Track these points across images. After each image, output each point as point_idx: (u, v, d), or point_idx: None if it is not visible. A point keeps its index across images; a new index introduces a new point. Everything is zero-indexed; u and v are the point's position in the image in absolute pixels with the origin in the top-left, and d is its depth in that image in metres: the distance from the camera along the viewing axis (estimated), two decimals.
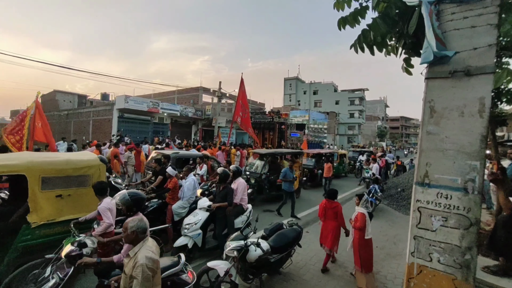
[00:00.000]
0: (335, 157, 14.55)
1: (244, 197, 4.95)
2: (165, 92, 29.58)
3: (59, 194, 3.42)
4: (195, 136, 22.19)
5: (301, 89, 56.37)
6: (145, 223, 2.24)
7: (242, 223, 4.72)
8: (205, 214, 4.45)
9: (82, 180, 3.64)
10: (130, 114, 17.76)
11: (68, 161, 3.63)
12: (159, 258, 2.19)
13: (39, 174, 3.26)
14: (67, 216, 3.41)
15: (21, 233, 3.12)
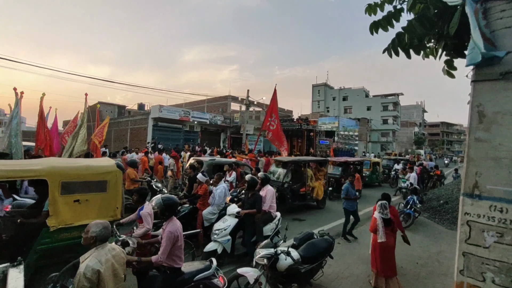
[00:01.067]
0: (367, 165, 13.80)
1: (273, 205, 4.91)
2: (196, 101, 30.89)
3: (77, 199, 3.44)
4: (223, 143, 22.74)
5: (330, 95, 55.13)
6: (108, 232, 2.18)
7: (271, 231, 4.62)
8: (234, 221, 4.49)
9: (100, 185, 3.63)
10: (164, 122, 18.81)
11: (88, 166, 3.67)
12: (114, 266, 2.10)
13: (59, 179, 3.30)
14: (84, 221, 3.39)
15: (41, 236, 3.19)
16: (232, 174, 7.53)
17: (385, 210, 3.87)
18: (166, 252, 2.74)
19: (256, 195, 4.63)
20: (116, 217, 3.69)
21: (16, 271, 1.59)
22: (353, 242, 5.81)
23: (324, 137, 22.71)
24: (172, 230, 2.81)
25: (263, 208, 4.67)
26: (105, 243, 2.18)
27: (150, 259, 2.74)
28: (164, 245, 2.76)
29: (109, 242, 3.30)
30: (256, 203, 4.52)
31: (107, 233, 2.17)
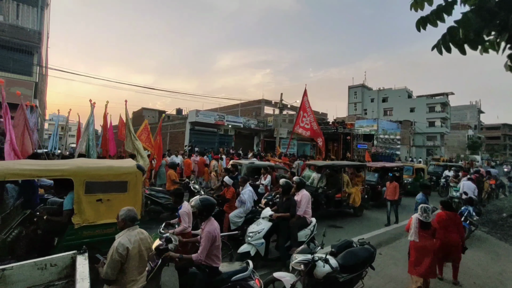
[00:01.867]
0: (410, 172, 12.64)
1: (308, 210, 4.79)
2: (230, 105, 31.79)
3: (99, 199, 3.54)
4: (257, 147, 22.96)
5: (367, 97, 52.28)
6: (134, 213, 2.50)
7: (306, 237, 4.54)
8: (268, 224, 4.47)
9: (121, 186, 3.73)
10: (200, 126, 19.67)
11: (110, 167, 3.79)
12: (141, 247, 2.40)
13: (84, 179, 3.43)
14: (106, 220, 3.54)
15: (67, 232, 3.36)
16: (267, 178, 7.56)
17: (424, 213, 3.78)
18: (205, 251, 2.84)
19: (290, 199, 4.58)
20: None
21: (82, 257, 1.80)
22: (398, 254, 5.40)
23: (362, 141, 21.54)
24: (211, 230, 2.90)
25: (297, 213, 4.60)
26: (135, 226, 2.51)
27: (190, 257, 2.86)
28: (203, 245, 2.86)
29: (153, 239, 3.57)
30: (290, 207, 4.46)
31: (132, 214, 2.48)
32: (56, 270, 1.77)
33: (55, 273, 1.76)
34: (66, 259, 1.81)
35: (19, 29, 12.29)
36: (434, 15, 2.77)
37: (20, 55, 12.58)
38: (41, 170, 3.36)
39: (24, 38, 12.36)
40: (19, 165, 3.33)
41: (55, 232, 3.57)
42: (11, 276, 1.61)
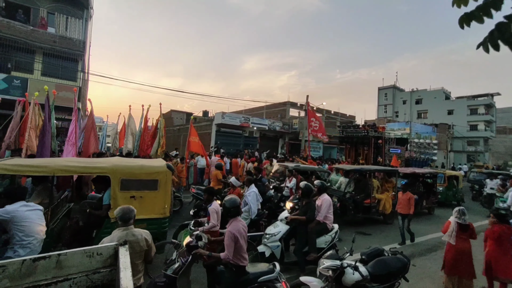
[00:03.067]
0: (441, 180, 11.46)
1: (329, 216, 4.57)
2: (255, 107, 32.03)
3: (133, 195, 3.73)
4: (282, 149, 22.85)
5: (399, 98, 49.55)
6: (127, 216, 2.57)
7: (325, 244, 4.37)
8: (285, 227, 4.43)
9: (152, 184, 3.89)
10: (226, 128, 20.09)
11: (142, 166, 3.98)
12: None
13: (119, 176, 3.65)
14: (138, 216, 3.72)
15: (105, 225, 3.56)
16: (292, 180, 7.51)
17: (462, 216, 3.78)
18: (231, 250, 2.90)
19: (309, 203, 4.49)
20: (165, 214, 3.97)
21: (123, 249, 1.94)
22: (434, 266, 5.05)
23: (395, 145, 20.32)
24: (232, 230, 2.95)
25: (317, 218, 4.44)
26: (129, 227, 2.57)
27: (219, 255, 2.94)
28: (226, 244, 2.93)
29: (183, 236, 3.72)
30: (308, 211, 4.37)
31: (125, 216, 2.56)
32: (101, 258, 1.94)
33: (100, 261, 1.93)
34: (109, 249, 1.98)
35: (67, 39, 13.61)
36: (481, 11, 2.58)
37: (67, 63, 13.92)
38: (84, 167, 3.65)
39: (71, 47, 13.65)
40: (66, 163, 3.67)
41: (95, 224, 3.84)
42: (65, 261, 1.80)
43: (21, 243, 2.68)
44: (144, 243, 2.61)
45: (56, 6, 13.83)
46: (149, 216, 3.82)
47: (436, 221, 8.54)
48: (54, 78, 13.34)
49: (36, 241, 2.79)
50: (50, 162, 3.62)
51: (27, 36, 12.58)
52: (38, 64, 13.24)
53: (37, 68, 13.20)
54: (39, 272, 1.72)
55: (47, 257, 1.78)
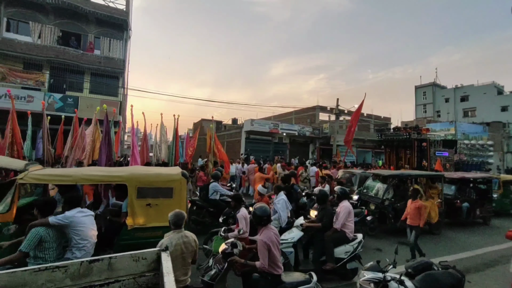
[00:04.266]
0: (496, 186, 10.00)
1: (349, 224, 4.28)
2: (284, 113, 31.92)
3: (148, 203, 3.76)
4: (312, 154, 22.36)
5: (440, 96, 45.57)
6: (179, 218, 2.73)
7: (345, 254, 4.11)
8: (299, 233, 4.31)
9: (167, 192, 3.90)
10: (255, 135, 20.28)
11: (158, 174, 4.03)
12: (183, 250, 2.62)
13: (136, 184, 3.70)
14: (154, 223, 3.73)
15: (122, 232, 3.64)
16: (325, 187, 7.30)
17: None
18: (265, 258, 2.88)
19: (325, 209, 4.32)
20: None
21: (165, 254, 2.04)
22: (493, 284, 4.47)
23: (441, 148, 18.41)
24: (263, 238, 2.93)
25: (334, 225, 4.21)
26: (180, 230, 2.72)
27: (254, 264, 2.95)
28: (260, 253, 2.91)
29: (215, 242, 3.78)
30: (324, 217, 4.20)
31: (177, 221, 2.72)
32: (146, 263, 2.06)
33: (145, 265, 2.05)
34: (153, 254, 2.10)
35: (110, 59, 15.04)
36: None
37: (110, 80, 15.37)
38: (105, 176, 3.86)
39: (113, 66, 15.06)
40: (89, 172, 3.90)
41: (115, 231, 3.90)
42: (115, 264, 1.95)
43: (78, 246, 2.96)
44: (194, 244, 2.77)
45: (101, 31, 15.40)
46: (165, 224, 3.82)
47: (493, 232, 7.59)
48: (99, 94, 14.80)
49: (89, 244, 3.06)
50: (74, 171, 3.90)
51: (78, 59, 14.19)
52: (87, 83, 14.81)
53: (86, 87, 14.76)
54: (94, 273, 1.88)
55: (101, 259, 1.94)
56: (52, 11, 14.08)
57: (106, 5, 15.76)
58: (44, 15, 14.10)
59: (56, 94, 13.29)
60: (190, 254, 2.73)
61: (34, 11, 13.87)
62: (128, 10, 15.92)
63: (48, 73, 13.96)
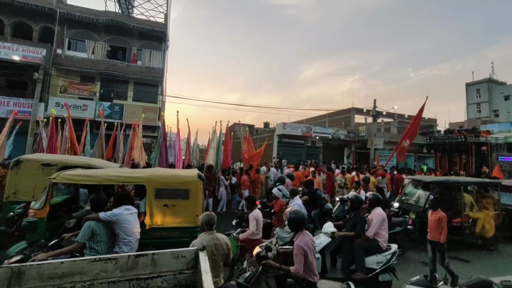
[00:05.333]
0: None
1: (382, 232, 4.01)
2: (316, 116, 31.17)
3: (166, 204, 3.84)
4: (348, 159, 21.42)
5: (498, 93, 40.28)
6: (211, 218, 2.74)
7: (377, 265, 3.82)
8: (327, 240, 4.14)
9: (183, 193, 3.96)
10: (287, 139, 20.08)
11: (175, 176, 4.14)
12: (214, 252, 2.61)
13: (154, 186, 3.80)
14: (171, 223, 3.84)
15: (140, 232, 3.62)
16: (361, 193, 6.92)
17: None
18: (300, 264, 2.82)
19: (358, 216, 4.07)
20: (196, 223, 3.92)
21: (203, 254, 2.11)
22: None
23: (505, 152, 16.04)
24: (300, 243, 2.87)
25: (367, 233, 3.95)
26: (212, 231, 2.73)
27: (289, 269, 2.90)
28: (295, 258, 2.84)
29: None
30: (356, 225, 3.96)
31: (209, 220, 2.74)
32: (185, 260, 2.14)
33: (184, 263, 2.13)
34: (191, 253, 2.18)
35: (151, 69, 16.24)
36: None
37: (150, 88, 16.58)
38: (125, 177, 4.06)
39: (153, 75, 16.22)
40: (112, 173, 4.13)
41: None
42: (158, 260, 2.07)
43: (124, 241, 3.21)
44: (226, 247, 2.79)
45: (143, 43, 16.74)
46: (181, 225, 3.91)
47: None
48: (141, 102, 16.06)
49: (134, 239, 3.30)
50: (98, 172, 4.13)
51: (123, 70, 15.58)
52: (131, 92, 16.16)
53: (129, 95, 16.12)
54: (140, 267, 2.01)
55: (145, 255, 2.07)
56: (103, 29, 15.70)
57: (148, 20, 17.14)
58: (96, 33, 15.80)
59: (105, 102, 14.78)
60: (222, 256, 2.72)
61: (89, 30, 15.63)
62: (166, 23, 17.09)
63: (99, 84, 15.58)
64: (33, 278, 1.56)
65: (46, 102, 13.66)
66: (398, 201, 7.32)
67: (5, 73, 14.21)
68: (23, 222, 3.57)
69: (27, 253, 3.09)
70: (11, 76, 14.47)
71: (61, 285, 1.63)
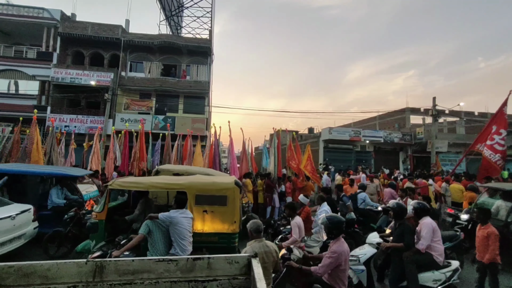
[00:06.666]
0: None
1: (436, 245, 3.54)
2: (365, 119, 29.25)
3: (205, 210, 3.95)
4: (404, 164, 19.46)
5: None
6: (258, 226, 2.74)
7: (434, 283, 3.37)
8: (372, 251, 3.88)
9: (221, 199, 4.01)
10: (334, 144, 19.21)
11: (213, 183, 4.20)
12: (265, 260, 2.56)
13: (194, 192, 3.93)
14: (210, 229, 3.91)
15: None
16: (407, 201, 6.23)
17: None
18: (326, 267, 2.81)
19: (404, 225, 3.63)
20: (234, 230, 3.96)
21: (256, 261, 2.09)
22: None
23: None
24: (337, 250, 2.83)
25: (418, 246, 3.52)
26: (262, 239, 2.73)
27: (309, 269, 2.93)
28: (325, 261, 2.84)
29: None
30: (404, 235, 3.53)
31: (257, 228, 2.75)
32: (238, 266, 2.15)
33: (238, 268, 2.14)
34: (244, 259, 2.18)
35: (198, 82, 17.43)
36: None
37: (198, 101, 17.75)
38: (168, 183, 4.24)
39: (200, 88, 17.36)
40: (156, 180, 4.36)
41: None
42: (213, 264, 2.12)
43: (178, 243, 3.40)
44: (275, 254, 2.77)
45: (191, 59, 18.13)
46: (220, 231, 3.96)
47: None
48: (190, 113, 17.29)
49: (187, 242, 3.47)
50: (145, 180, 4.38)
51: (175, 86, 17.06)
52: (181, 105, 17.54)
53: (180, 108, 17.51)
54: (197, 270, 2.08)
55: (202, 258, 2.15)
56: (157, 50, 17.53)
57: (194, 37, 18.58)
58: (152, 54, 17.72)
59: (160, 116, 16.33)
60: (272, 264, 2.72)
61: (146, 53, 17.63)
62: (211, 38, 18.25)
63: (155, 100, 17.31)
64: (111, 272, 1.76)
65: (113, 118, 15.73)
66: (468, 212, 6.29)
67: (85, 96, 16.88)
68: (87, 224, 4.05)
69: (105, 249, 3.52)
70: (89, 98, 17.10)
71: (133, 280, 1.80)
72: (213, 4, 19.41)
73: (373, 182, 9.26)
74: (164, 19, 19.40)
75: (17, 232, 4.75)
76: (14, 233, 4.68)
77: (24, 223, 4.95)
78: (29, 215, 5.10)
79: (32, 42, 17.62)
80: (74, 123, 15.30)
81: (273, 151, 9.70)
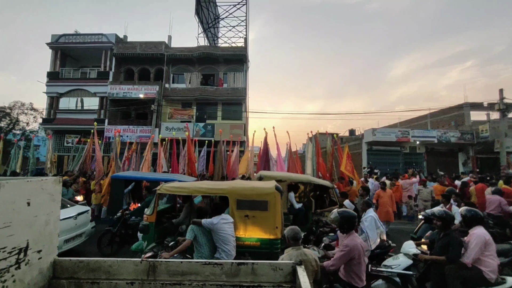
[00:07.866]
0: None
1: (487, 260, 3.05)
2: (413, 118, 26.64)
3: (246, 214, 3.94)
4: (464, 166, 17.20)
5: None
6: (295, 233, 2.64)
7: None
8: (408, 261, 3.62)
9: (262, 204, 3.98)
10: (378, 146, 17.90)
11: (253, 188, 4.23)
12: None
13: (235, 197, 3.98)
14: (252, 235, 3.88)
15: None
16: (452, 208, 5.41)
17: None
18: (338, 260, 2.82)
19: (450, 236, 3.17)
20: (276, 236, 3.89)
21: (301, 269, 1.99)
22: None
23: None
24: (349, 244, 2.82)
25: (463, 259, 3.08)
26: (299, 247, 2.64)
27: (322, 264, 2.85)
28: (338, 255, 2.84)
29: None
30: (449, 247, 3.09)
31: (295, 234, 2.65)
32: (282, 273, 2.08)
33: (282, 275, 2.08)
34: (288, 267, 2.11)
35: (235, 89, 17.92)
36: None
37: (235, 107, 18.23)
38: (210, 188, 4.39)
39: (238, 95, 17.82)
40: (199, 185, 4.53)
41: None
42: (257, 270, 2.09)
43: (222, 248, 3.45)
44: (315, 263, 2.65)
45: (228, 68, 18.79)
46: (262, 236, 3.96)
47: None
48: (228, 120, 17.81)
49: (230, 247, 3.50)
50: (189, 185, 4.56)
51: (213, 94, 17.81)
52: (219, 112, 18.21)
53: (218, 115, 18.18)
54: (242, 274, 2.06)
55: (246, 263, 2.12)
56: (197, 61, 18.57)
57: (230, 46, 19.25)
58: (191, 66, 18.84)
59: (200, 123, 17.16)
60: (311, 273, 2.59)
61: (187, 64, 18.83)
62: (246, 46, 18.69)
63: (195, 108, 18.28)
64: (163, 272, 1.85)
65: (159, 127, 17.03)
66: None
67: (134, 108, 18.66)
68: (140, 225, 4.35)
69: (155, 250, 3.77)
70: (138, 109, 18.86)
71: (182, 281, 1.86)
72: (247, 13, 19.93)
73: (426, 187, 8.35)
74: (202, 31, 20.53)
75: (79, 230, 5.38)
76: (76, 231, 5.30)
77: (84, 223, 5.60)
78: (88, 215, 5.76)
79: (94, 64, 20.18)
80: (126, 133, 16.96)
81: (310, 156, 9.46)
